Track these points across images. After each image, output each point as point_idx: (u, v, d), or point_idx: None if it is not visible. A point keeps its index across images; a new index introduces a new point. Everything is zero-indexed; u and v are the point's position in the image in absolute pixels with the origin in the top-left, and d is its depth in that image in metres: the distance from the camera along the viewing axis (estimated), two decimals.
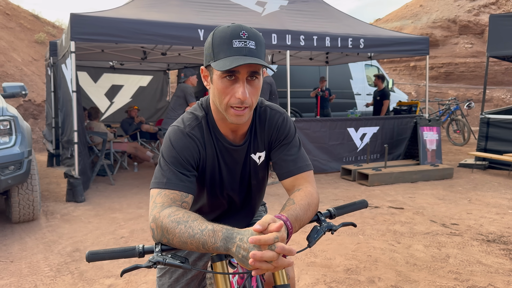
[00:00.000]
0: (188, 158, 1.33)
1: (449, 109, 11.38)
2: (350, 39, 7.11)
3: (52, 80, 8.21)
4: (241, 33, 1.22)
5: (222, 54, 1.22)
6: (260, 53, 1.24)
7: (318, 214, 1.32)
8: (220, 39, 1.23)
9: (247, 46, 1.21)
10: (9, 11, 15.65)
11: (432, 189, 6.12)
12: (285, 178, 1.42)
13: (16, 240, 4.05)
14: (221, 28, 1.25)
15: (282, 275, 1.23)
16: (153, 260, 1.09)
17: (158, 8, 6.35)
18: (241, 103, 1.23)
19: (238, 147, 1.44)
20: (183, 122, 1.39)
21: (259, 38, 1.26)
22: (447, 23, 17.94)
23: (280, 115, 1.47)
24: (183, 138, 1.35)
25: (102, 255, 1.12)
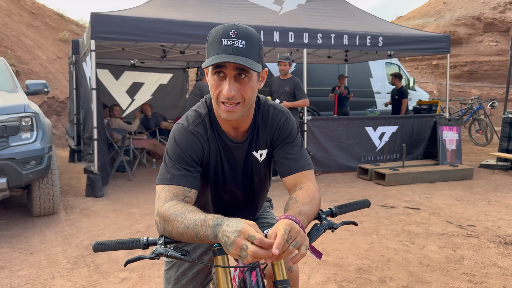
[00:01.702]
0: (192, 154, 1.37)
1: (472, 108, 11.13)
2: (369, 37, 7.04)
3: (74, 77, 8.41)
4: (231, 32, 1.24)
5: (211, 52, 1.26)
6: (249, 53, 1.25)
7: (320, 212, 1.33)
8: (213, 38, 1.27)
9: (234, 45, 1.23)
10: (34, 10, 16.06)
11: (450, 189, 6.02)
12: (286, 175, 1.44)
13: (36, 233, 4.18)
14: (216, 27, 1.29)
15: (282, 270, 1.25)
16: (156, 252, 1.13)
17: (176, 7, 6.43)
18: (227, 98, 1.26)
19: (239, 144, 1.46)
20: (187, 120, 1.43)
21: (251, 38, 1.27)
22: (471, 20, 17.51)
23: (283, 115, 1.49)
24: (187, 136, 1.39)
25: (108, 245, 1.16)
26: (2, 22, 13.45)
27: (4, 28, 13.15)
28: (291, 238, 1.07)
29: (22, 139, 4.09)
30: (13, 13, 14.73)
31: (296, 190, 1.40)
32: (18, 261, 3.49)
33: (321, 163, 7.05)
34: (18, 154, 3.99)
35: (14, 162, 3.97)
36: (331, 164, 7.14)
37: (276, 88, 6.38)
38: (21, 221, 4.57)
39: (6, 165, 3.92)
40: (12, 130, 3.99)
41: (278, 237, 1.04)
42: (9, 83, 5.05)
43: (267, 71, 1.40)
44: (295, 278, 1.60)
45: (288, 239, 1.06)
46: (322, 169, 7.08)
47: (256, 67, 1.25)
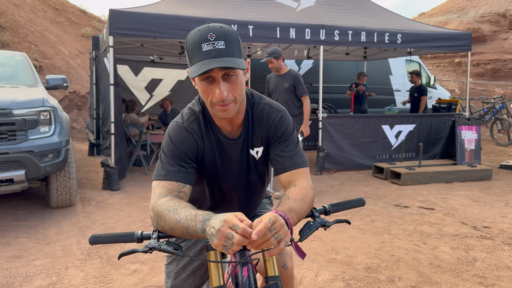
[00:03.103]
0: (186, 151, 1.40)
1: (494, 107, 10.87)
2: (387, 34, 6.96)
3: (94, 72, 8.57)
4: (209, 36, 1.25)
5: (194, 59, 1.27)
6: (231, 51, 1.27)
7: (313, 210, 1.33)
8: (192, 44, 1.28)
9: (216, 47, 1.24)
10: (58, 6, 16.41)
11: (467, 190, 5.91)
12: (281, 173, 1.46)
13: (53, 224, 4.30)
14: (192, 33, 1.29)
15: (273, 266, 1.27)
16: (149, 245, 1.16)
17: (194, 4, 6.48)
18: (221, 101, 1.29)
19: (233, 141, 1.48)
20: (182, 117, 1.47)
21: (229, 36, 1.28)
22: (496, 17, 17.07)
23: (278, 113, 1.50)
24: (181, 133, 1.42)
25: (104, 238, 1.21)
26: (27, 18, 13.79)
27: (29, 24, 13.49)
28: (274, 230, 1.08)
29: (40, 133, 4.21)
30: (38, 9, 15.09)
31: (290, 187, 1.41)
32: (35, 250, 3.61)
33: (335, 161, 7.01)
34: (36, 147, 4.11)
35: (32, 155, 4.09)
36: (346, 162, 7.10)
37: (274, 86, 5.65)
38: (39, 212, 4.70)
39: (24, 158, 4.04)
40: (30, 124, 4.11)
41: (260, 225, 1.06)
42: (30, 77, 5.19)
43: (249, 61, 1.41)
44: (289, 276, 1.61)
45: (271, 230, 1.08)
46: (336, 167, 7.05)
47: (242, 64, 1.27)
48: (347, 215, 4.81)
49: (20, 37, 12.50)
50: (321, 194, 5.57)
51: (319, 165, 6.87)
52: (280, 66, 5.48)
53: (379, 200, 5.34)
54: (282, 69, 5.53)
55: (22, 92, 4.45)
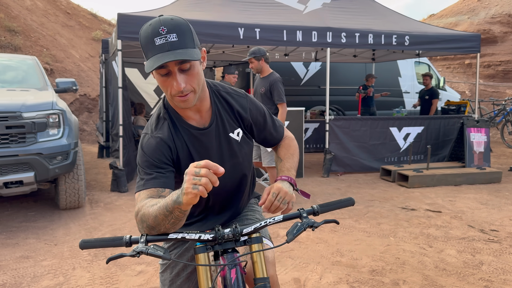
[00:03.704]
0: (160, 157, 1.42)
1: (505, 109, 10.77)
2: (395, 36, 6.94)
3: (104, 76, 8.67)
4: (160, 29, 1.26)
5: (149, 54, 1.28)
6: (184, 43, 1.28)
7: (300, 210, 1.32)
8: (145, 39, 1.29)
9: (168, 40, 1.25)
10: (69, 10, 16.63)
11: (476, 193, 5.86)
12: (271, 146, 1.74)
13: (61, 225, 4.37)
14: (145, 27, 1.30)
15: (262, 268, 1.29)
16: (137, 249, 1.17)
17: (201, 7, 6.53)
18: (180, 92, 1.31)
19: (205, 129, 1.49)
20: (150, 127, 1.49)
21: (181, 27, 1.29)
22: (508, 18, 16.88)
23: (245, 99, 1.59)
24: (152, 142, 1.44)
25: (93, 243, 1.22)
26: (39, 22, 14.00)
27: (41, 28, 13.69)
28: (280, 198, 1.41)
29: (50, 135, 4.28)
30: (49, 13, 15.31)
31: (277, 148, 1.71)
32: (43, 251, 3.67)
33: (343, 163, 7.00)
34: (45, 150, 4.18)
35: (42, 157, 4.16)
36: (353, 165, 7.08)
37: (255, 89, 5.31)
38: (48, 214, 4.78)
39: (34, 160, 4.12)
40: (40, 127, 4.18)
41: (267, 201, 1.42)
42: (40, 81, 5.28)
43: (205, 50, 1.43)
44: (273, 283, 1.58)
45: (278, 199, 1.41)
46: (343, 169, 7.04)
47: (195, 55, 1.28)
48: (350, 215, 4.81)
49: (32, 41, 12.70)
50: (328, 197, 5.57)
51: (326, 167, 6.86)
52: (261, 68, 5.11)
53: (386, 203, 5.32)
54: (264, 71, 5.14)
55: (32, 95, 4.53)
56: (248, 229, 1.31)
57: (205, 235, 1.28)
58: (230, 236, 1.29)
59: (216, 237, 1.28)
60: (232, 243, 1.32)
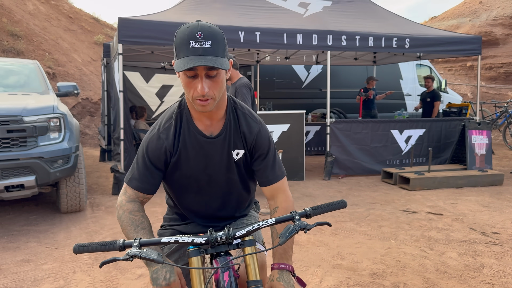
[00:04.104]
0: (155, 159, 1.52)
1: (507, 111, 10.75)
2: (395, 38, 6.94)
3: (105, 79, 8.70)
4: (197, 34, 1.31)
5: (181, 54, 1.33)
6: (216, 51, 1.33)
7: (293, 213, 1.33)
8: (180, 39, 1.34)
9: (202, 46, 1.31)
10: (72, 14, 16.71)
11: (477, 195, 5.85)
12: (264, 186, 1.62)
13: (62, 229, 4.38)
14: (182, 29, 1.35)
15: (255, 271, 1.28)
16: (130, 254, 1.18)
17: (202, 11, 6.55)
18: (202, 96, 1.35)
19: (213, 139, 1.53)
20: (160, 123, 1.55)
21: (217, 36, 1.34)
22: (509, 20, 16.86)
23: (256, 125, 1.58)
24: (155, 141, 1.52)
25: (87, 247, 1.23)
26: (41, 26, 14.07)
27: (43, 32, 13.76)
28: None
29: (50, 139, 4.29)
30: (52, 17, 15.39)
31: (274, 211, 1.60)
32: (44, 255, 3.67)
33: (344, 166, 7.00)
34: (46, 153, 4.19)
35: (43, 161, 4.18)
36: (354, 167, 7.07)
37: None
38: (49, 217, 4.79)
39: (35, 164, 4.13)
40: (41, 130, 4.20)
41: None
42: (41, 85, 5.30)
43: (232, 61, 1.48)
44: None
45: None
46: (345, 172, 7.03)
47: (225, 64, 1.33)
48: (351, 217, 4.80)
49: (34, 45, 12.76)
50: (329, 200, 5.57)
51: (328, 170, 6.86)
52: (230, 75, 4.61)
53: (387, 206, 5.31)
54: (233, 77, 4.88)
55: (33, 99, 4.55)
56: (241, 232, 1.32)
57: (198, 238, 1.29)
58: (223, 239, 1.29)
59: (209, 240, 1.29)
60: (225, 246, 1.32)
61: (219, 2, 6.78)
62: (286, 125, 6.65)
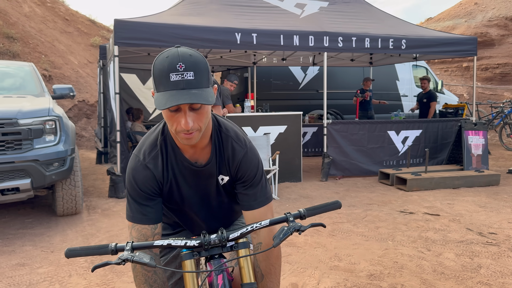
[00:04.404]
0: (149, 189, 1.42)
1: (503, 112, 10.78)
2: (391, 40, 6.95)
3: (102, 81, 8.68)
4: (178, 66, 1.20)
5: (161, 87, 1.22)
6: (200, 82, 1.23)
7: (287, 214, 1.31)
8: (159, 71, 1.22)
9: (184, 78, 1.20)
10: (68, 16, 16.67)
11: (474, 196, 5.85)
12: (246, 210, 1.50)
13: (58, 232, 4.35)
14: (160, 58, 1.24)
15: (249, 273, 1.27)
16: (122, 257, 1.16)
17: (198, 12, 6.54)
18: (186, 130, 1.26)
19: (201, 168, 1.46)
20: (144, 152, 1.44)
21: (199, 65, 1.24)
22: (504, 21, 16.93)
23: (242, 150, 1.47)
24: (142, 171, 1.42)
25: (79, 251, 1.21)
26: (37, 29, 14.03)
27: (39, 34, 13.72)
28: None
29: (46, 142, 4.27)
30: (48, 19, 15.34)
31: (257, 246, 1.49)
32: (39, 258, 3.65)
33: (341, 167, 7.00)
34: (41, 156, 4.17)
35: (38, 164, 4.15)
36: (351, 168, 7.07)
37: None
38: (45, 220, 4.76)
39: (30, 167, 4.10)
40: (36, 133, 4.17)
41: None
42: (37, 87, 5.28)
43: (216, 87, 1.38)
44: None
45: None
46: (342, 173, 7.03)
47: (210, 97, 1.23)
48: (348, 219, 4.79)
49: (30, 48, 12.71)
50: (326, 201, 5.56)
51: (325, 171, 6.86)
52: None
53: (384, 207, 5.31)
54: None
55: (28, 102, 4.53)
56: (234, 234, 1.30)
57: (191, 241, 1.27)
58: (217, 242, 1.28)
59: (202, 243, 1.27)
60: (218, 248, 1.31)
61: (215, 3, 6.77)
62: (283, 127, 6.64)
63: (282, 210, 5.09)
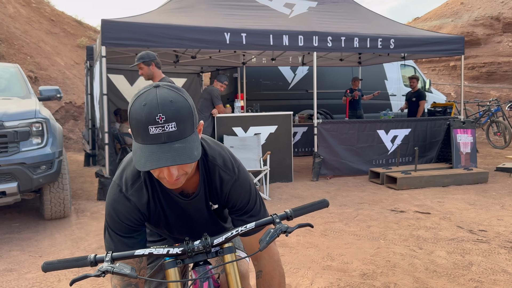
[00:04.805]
0: (131, 221, 1.32)
1: (489, 110, 10.90)
2: (380, 39, 6.98)
3: (89, 83, 8.57)
4: (158, 117, 1.06)
5: (139, 139, 1.10)
6: (183, 132, 1.10)
7: (273, 216, 1.25)
8: (136, 121, 1.09)
9: (165, 131, 1.07)
10: (54, 17, 16.45)
11: (463, 193, 5.90)
12: (243, 236, 1.41)
13: (47, 236, 4.27)
14: (137, 105, 1.09)
15: (236, 279, 1.24)
16: (102, 269, 1.10)
17: (186, 12, 6.49)
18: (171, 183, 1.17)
19: (190, 199, 1.38)
20: (125, 181, 1.32)
21: (182, 113, 1.09)
22: (490, 20, 17.16)
23: (231, 179, 1.37)
24: (124, 203, 1.30)
25: (57, 265, 1.14)
26: (22, 30, 13.82)
27: (24, 35, 13.51)
28: None
29: (33, 144, 4.19)
30: (33, 20, 15.12)
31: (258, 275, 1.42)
32: (27, 263, 3.57)
33: (331, 167, 7.00)
34: (28, 159, 4.09)
35: (25, 167, 4.07)
36: (342, 168, 7.09)
37: None
38: (33, 225, 4.67)
39: (17, 170, 4.02)
40: (22, 136, 4.09)
41: None
42: (23, 89, 5.18)
43: (202, 123, 1.23)
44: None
45: None
46: (332, 173, 7.03)
47: (196, 150, 1.11)
48: (340, 218, 4.79)
49: (15, 49, 12.51)
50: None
51: (315, 171, 6.86)
52: (152, 74, 4.67)
53: (375, 205, 5.32)
54: (155, 77, 4.67)
55: (14, 104, 4.44)
56: (219, 239, 1.25)
57: (174, 249, 1.21)
58: (201, 248, 1.22)
59: (185, 250, 1.21)
60: (203, 255, 1.25)
61: (204, 2, 6.72)
62: (273, 127, 6.63)
63: (273, 210, 5.07)
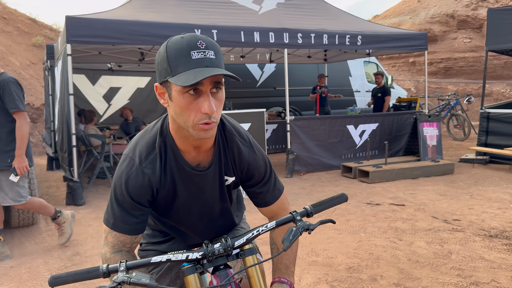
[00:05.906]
0: (141, 199, 1.29)
1: (449, 104, 11.34)
2: (348, 36, 7.08)
3: (50, 83, 8.19)
4: (199, 43, 1.11)
5: (181, 68, 1.10)
6: (220, 63, 1.14)
7: (293, 213, 1.22)
8: (176, 51, 1.11)
9: (207, 56, 1.11)
10: (6, 15, 15.63)
11: (433, 185, 6.09)
12: (262, 207, 1.46)
13: (15, 245, 4.03)
14: (175, 39, 1.13)
15: (259, 282, 1.18)
16: (117, 280, 1.02)
17: (154, 8, 6.32)
18: (208, 118, 1.13)
19: (203, 171, 1.34)
20: (139, 154, 1.30)
21: (217, 47, 1.16)
22: (446, 18, 17.88)
23: (248, 150, 1.38)
24: (137, 177, 1.28)
25: (65, 278, 1.05)
26: None
27: None
28: None
29: None
30: None
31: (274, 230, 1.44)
32: None
33: (305, 163, 7.04)
34: None
35: None
36: (314, 163, 7.14)
37: None
38: None
39: None
40: None
41: None
42: None
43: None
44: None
45: None
46: (306, 169, 7.08)
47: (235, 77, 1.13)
48: (319, 213, 4.81)
49: None
50: (294, 197, 5.56)
51: (289, 167, 6.87)
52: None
53: (351, 199, 5.39)
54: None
55: None
56: (240, 241, 1.19)
57: (193, 253, 1.14)
58: (221, 251, 1.16)
59: (205, 254, 1.15)
60: (223, 258, 1.19)
61: None
62: (247, 124, 6.58)
63: (251, 209, 5.02)
